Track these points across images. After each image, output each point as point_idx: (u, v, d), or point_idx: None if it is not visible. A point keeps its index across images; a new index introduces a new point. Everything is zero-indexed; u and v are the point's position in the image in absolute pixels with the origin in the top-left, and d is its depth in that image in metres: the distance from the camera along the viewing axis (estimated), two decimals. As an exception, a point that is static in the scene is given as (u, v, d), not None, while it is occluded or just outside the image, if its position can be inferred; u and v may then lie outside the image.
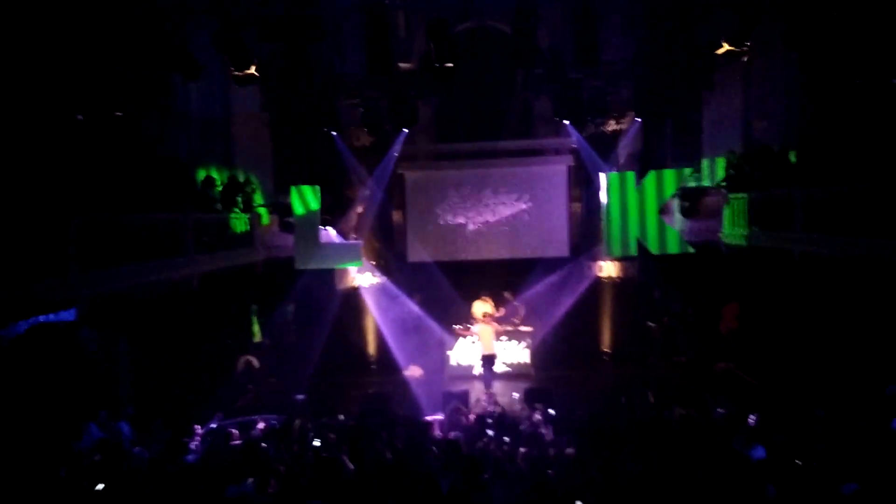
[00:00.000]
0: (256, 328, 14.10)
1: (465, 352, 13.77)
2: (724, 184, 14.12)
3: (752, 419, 7.98)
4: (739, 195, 13.21)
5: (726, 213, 13.80)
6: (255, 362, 13.53)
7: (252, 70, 12.03)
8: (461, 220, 15.86)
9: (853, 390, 8.59)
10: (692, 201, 14.59)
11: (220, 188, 14.08)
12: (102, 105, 11.48)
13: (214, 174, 14.54)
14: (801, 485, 5.39)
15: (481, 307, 14.16)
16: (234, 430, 8.78)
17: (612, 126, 15.00)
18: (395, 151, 15.18)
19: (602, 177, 12.50)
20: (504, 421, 8.86)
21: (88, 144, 10.74)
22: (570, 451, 7.43)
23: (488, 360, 12.78)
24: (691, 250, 12.11)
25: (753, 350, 12.97)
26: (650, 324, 14.33)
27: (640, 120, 14.65)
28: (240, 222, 13.88)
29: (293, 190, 12.69)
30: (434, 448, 7.46)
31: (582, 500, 5.30)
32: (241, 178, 14.85)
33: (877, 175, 9.09)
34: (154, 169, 11.92)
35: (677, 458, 6.73)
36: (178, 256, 11.21)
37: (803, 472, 5.76)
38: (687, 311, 14.13)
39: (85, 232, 8.66)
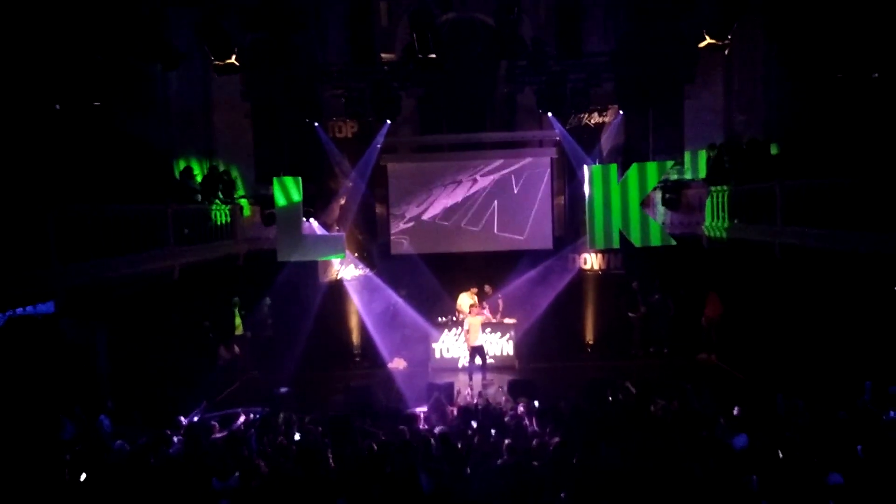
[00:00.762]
0: (238, 321, 13.98)
1: (449, 344, 13.76)
2: (705, 176, 14.25)
3: (734, 410, 8.08)
4: (721, 188, 13.33)
5: (708, 205, 13.91)
6: (236, 349, 13.45)
7: (233, 59, 11.85)
8: (444, 212, 15.81)
9: (833, 381, 8.72)
10: (674, 194, 14.70)
11: (200, 179, 13.91)
12: (80, 94, 11.27)
13: (194, 164, 14.36)
14: (785, 475, 5.46)
15: (467, 300, 14.18)
16: (215, 424, 8.70)
17: (595, 119, 15.03)
18: (378, 143, 15.07)
19: (585, 169, 12.54)
20: (488, 413, 8.88)
21: (66, 134, 10.55)
22: (553, 441, 7.47)
23: (476, 350, 12.79)
24: (673, 243, 12.19)
25: (734, 341, 13.13)
26: (631, 315, 14.45)
27: (622, 112, 14.69)
28: (221, 213, 13.73)
29: (275, 181, 12.55)
30: (418, 440, 7.45)
31: (566, 491, 5.32)
32: (222, 169, 14.68)
33: (857, 168, 9.21)
34: (133, 159, 11.74)
35: (659, 448, 6.79)
36: (159, 248, 11.06)
37: (786, 462, 5.83)
38: (667, 302, 14.26)
39: (63, 223, 8.51)
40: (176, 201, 11.94)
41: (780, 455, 6.14)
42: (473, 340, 12.85)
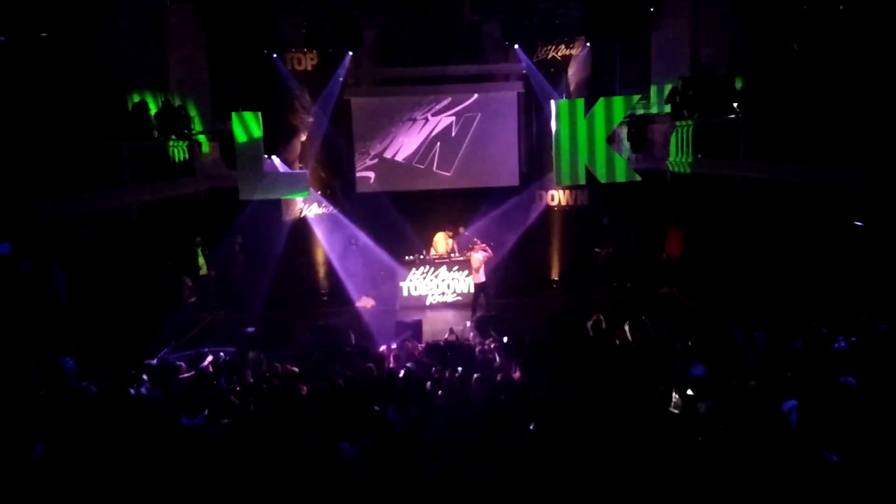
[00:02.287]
0: (202, 260, 13.77)
1: (417, 283, 13.81)
2: (670, 111, 14.24)
3: (690, 341, 8.32)
4: (685, 122, 13.36)
5: (673, 140, 13.97)
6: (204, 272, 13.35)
7: (186, -14, 11.26)
8: (410, 148, 15.57)
9: (791, 313, 9.01)
10: (639, 129, 14.71)
11: (154, 113, 13.39)
12: (26, 25, 10.63)
13: (148, 99, 13.79)
14: (740, 402, 5.68)
15: (443, 240, 14.19)
16: (182, 364, 8.66)
17: (561, 51, 14.79)
18: (340, 76, 14.64)
19: (552, 104, 12.41)
20: (456, 349, 9.00)
21: (12, 67, 10.00)
22: (516, 375, 7.64)
23: (481, 287, 12.93)
24: (638, 178, 12.28)
25: (694, 275, 13.43)
26: (597, 250, 14.64)
27: (589, 45, 14.47)
28: (179, 150, 13.30)
29: (234, 116, 12.18)
30: (386, 378, 7.54)
31: (534, 423, 5.46)
32: (177, 104, 14.14)
33: (820, 102, 9.28)
34: (84, 93, 11.22)
35: (620, 378, 6.99)
36: (115, 186, 10.73)
37: (742, 390, 6.06)
38: (630, 238, 14.45)
39: (14, 161, 8.15)
40: (131, 138, 11.51)
41: (736, 383, 6.37)
42: (478, 278, 12.92)
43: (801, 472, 4.29)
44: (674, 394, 6.21)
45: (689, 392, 6.26)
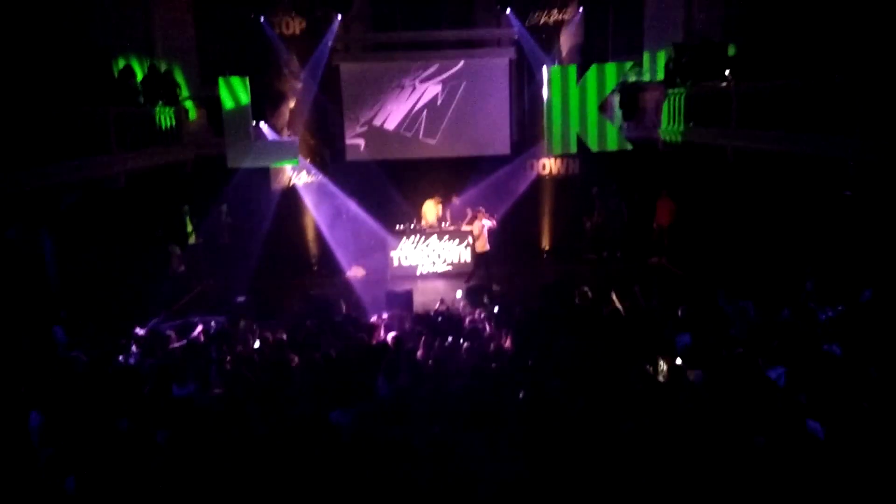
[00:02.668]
0: (190, 228, 13.68)
1: (408, 252, 13.78)
2: (663, 78, 14.11)
3: (679, 310, 8.37)
4: (677, 90, 13.25)
5: (665, 108, 13.87)
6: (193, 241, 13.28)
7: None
8: (398, 116, 15.41)
9: (779, 282, 9.08)
10: (631, 97, 14.59)
11: (140, 79, 13.13)
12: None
13: (134, 64, 13.52)
14: (727, 370, 5.75)
15: (432, 207, 14.13)
16: (171, 333, 8.65)
17: (554, 16, 14.57)
18: (329, 40, 14.38)
19: (544, 70, 12.29)
20: (446, 318, 9.03)
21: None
22: (507, 344, 7.69)
23: (484, 257, 12.92)
24: (629, 147, 12.24)
25: (684, 245, 13.48)
26: (585, 220, 14.65)
27: (582, 9, 14.28)
28: (165, 117, 13.10)
29: (221, 81, 11.99)
30: (377, 347, 7.57)
31: (524, 392, 5.51)
32: (164, 69, 13.88)
33: (812, 70, 9.21)
34: (68, 59, 10.97)
35: (610, 347, 7.04)
36: (101, 154, 10.57)
37: (728, 358, 6.12)
38: (621, 208, 14.45)
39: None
40: (117, 104, 11.32)
41: (724, 352, 6.44)
42: (482, 246, 12.91)
43: (788, 440, 4.36)
44: (661, 362, 6.28)
45: (678, 361, 6.34)
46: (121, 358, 7.82)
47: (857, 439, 4.44)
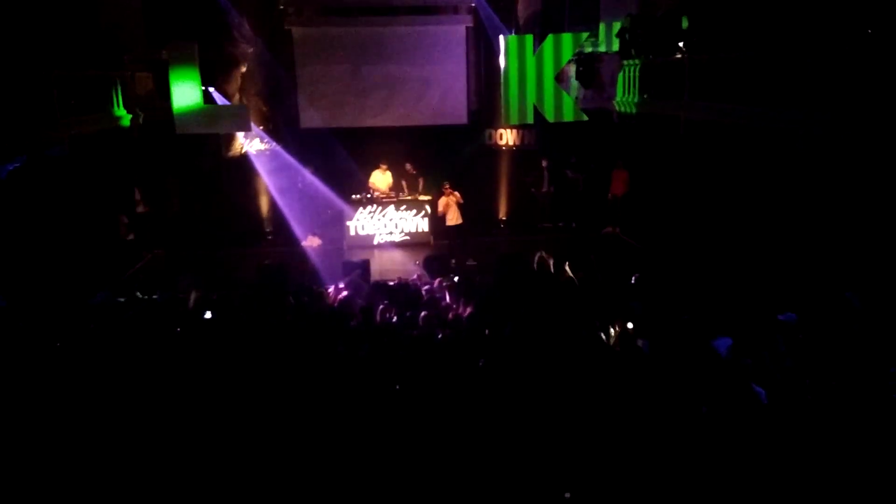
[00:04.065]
0: (138, 196, 13.26)
1: (364, 222, 13.67)
2: (618, 49, 14.18)
3: (632, 278, 8.56)
4: (633, 61, 13.36)
5: (620, 80, 13.97)
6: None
7: None
8: (355, 83, 15.13)
9: (729, 249, 9.33)
10: (587, 68, 14.63)
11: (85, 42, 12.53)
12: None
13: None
14: (674, 338, 5.92)
15: (381, 177, 14.00)
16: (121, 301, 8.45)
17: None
18: (281, 3, 13.99)
19: (501, 39, 12.21)
20: (404, 288, 9.02)
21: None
22: (466, 313, 7.74)
23: (457, 230, 12.80)
24: (585, 118, 12.31)
25: (637, 215, 13.73)
26: (532, 191, 14.76)
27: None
28: (110, 81, 12.56)
29: (168, 45, 11.56)
30: (333, 315, 7.54)
31: (484, 359, 5.58)
32: (109, 31, 13.26)
33: (764, 43, 9.38)
34: (7, 20, 10.39)
35: (567, 316, 7.16)
36: (44, 119, 10.10)
37: (677, 326, 6.30)
38: (577, 179, 14.60)
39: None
40: (60, 67, 10.81)
41: (674, 320, 6.63)
42: (454, 220, 12.76)
43: (733, 408, 4.52)
44: (611, 328, 6.43)
45: (629, 326, 6.49)
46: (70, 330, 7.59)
47: (802, 404, 4.63)
